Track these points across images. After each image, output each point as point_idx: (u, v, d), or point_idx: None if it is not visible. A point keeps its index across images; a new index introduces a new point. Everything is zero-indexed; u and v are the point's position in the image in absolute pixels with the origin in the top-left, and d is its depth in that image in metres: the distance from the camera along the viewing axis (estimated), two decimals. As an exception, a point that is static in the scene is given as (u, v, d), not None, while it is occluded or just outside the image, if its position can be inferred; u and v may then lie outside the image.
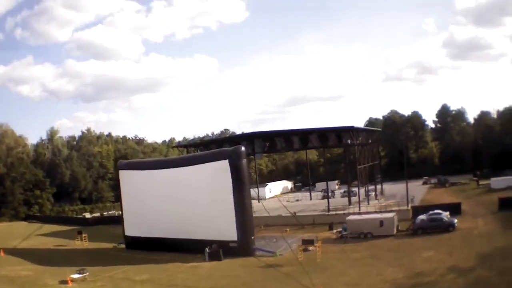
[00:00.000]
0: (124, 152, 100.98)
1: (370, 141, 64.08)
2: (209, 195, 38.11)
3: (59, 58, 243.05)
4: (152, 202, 43.49)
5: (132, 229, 46.41)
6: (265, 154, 78.84)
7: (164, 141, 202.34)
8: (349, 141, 53.96)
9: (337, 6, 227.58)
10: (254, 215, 48.57)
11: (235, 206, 36.45)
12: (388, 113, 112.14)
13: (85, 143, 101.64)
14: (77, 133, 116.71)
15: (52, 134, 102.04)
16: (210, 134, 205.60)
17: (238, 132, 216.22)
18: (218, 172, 37.00)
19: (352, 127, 54.95)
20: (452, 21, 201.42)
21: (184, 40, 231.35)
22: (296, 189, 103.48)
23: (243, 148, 38.94)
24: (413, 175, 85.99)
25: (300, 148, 64.28)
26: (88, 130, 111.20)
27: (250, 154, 63.69)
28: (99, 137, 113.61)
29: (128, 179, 46.52)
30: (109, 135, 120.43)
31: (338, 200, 63.92)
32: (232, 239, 37.14)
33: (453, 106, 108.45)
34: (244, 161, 37.86)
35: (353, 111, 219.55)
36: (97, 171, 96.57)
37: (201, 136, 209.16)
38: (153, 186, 43.25)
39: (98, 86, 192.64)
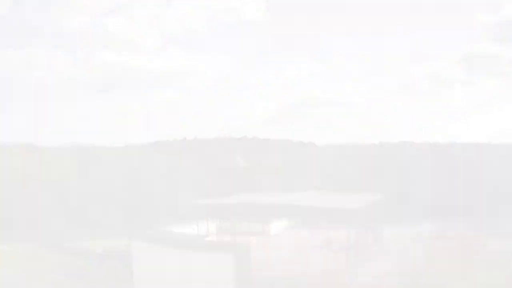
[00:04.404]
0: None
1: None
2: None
3: (72, 44, 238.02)
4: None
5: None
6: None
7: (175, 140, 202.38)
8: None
9: (355, 13, 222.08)
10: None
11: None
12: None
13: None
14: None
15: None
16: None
17: (248, 136, 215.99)
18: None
19: None
20: (472, 35, 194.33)
21: (203, 35, 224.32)
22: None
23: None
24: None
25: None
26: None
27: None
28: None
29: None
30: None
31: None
32: None
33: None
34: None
35: (366, 121, 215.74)
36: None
37: (210, 139, 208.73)
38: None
39: (111, 76, 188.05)
